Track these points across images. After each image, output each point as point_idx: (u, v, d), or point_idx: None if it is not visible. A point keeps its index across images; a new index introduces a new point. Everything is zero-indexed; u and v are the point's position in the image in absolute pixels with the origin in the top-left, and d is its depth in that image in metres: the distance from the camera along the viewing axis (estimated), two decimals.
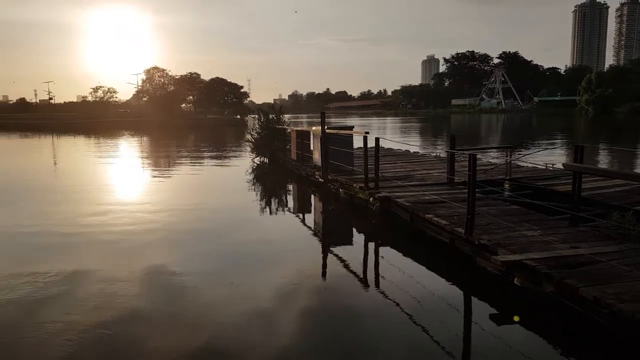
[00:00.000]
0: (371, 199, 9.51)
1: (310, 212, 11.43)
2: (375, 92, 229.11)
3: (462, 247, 6.80)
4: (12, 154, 29.83)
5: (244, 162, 20.58)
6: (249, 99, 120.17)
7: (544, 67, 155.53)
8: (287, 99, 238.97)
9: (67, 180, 17.44)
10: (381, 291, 6.06)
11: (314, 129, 14.20)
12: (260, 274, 6.60)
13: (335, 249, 8.00)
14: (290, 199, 13.27)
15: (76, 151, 30.82)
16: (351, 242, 8.79)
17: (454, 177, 10.11)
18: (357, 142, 12.98)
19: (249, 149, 20.93)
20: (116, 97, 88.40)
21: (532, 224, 6.97)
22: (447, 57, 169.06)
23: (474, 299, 5.84)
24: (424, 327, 4.92)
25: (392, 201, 9.03)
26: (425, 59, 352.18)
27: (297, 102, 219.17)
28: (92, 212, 10.72)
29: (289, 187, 15.00)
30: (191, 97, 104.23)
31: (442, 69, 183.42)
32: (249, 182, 16.11)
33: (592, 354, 4.54)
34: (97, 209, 11.01)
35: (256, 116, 22.47)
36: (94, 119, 65.93)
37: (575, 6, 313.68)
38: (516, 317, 5.15)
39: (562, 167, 8.99)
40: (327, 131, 12.68)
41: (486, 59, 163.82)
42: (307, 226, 9.88)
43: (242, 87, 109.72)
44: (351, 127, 14.41)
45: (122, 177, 17.90)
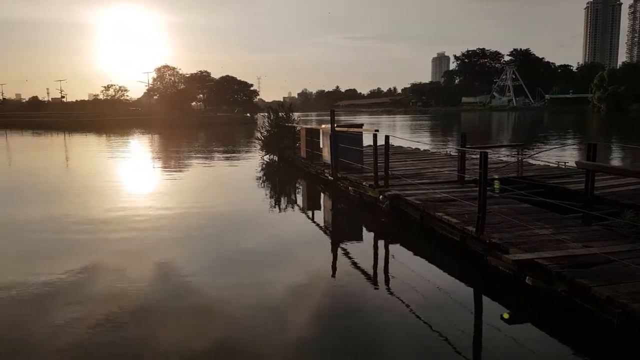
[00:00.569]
0: (381, 197, 9.49)
1: (319, 210, 11.43)
2: (385, 89, 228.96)
3: (472, 246, 6.77)
4: (29, 151, 30.16)
5: (254, 160, 20.63)
6: (258, 97, 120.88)
7: (556, 65, 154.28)
8: (296, 97, 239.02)
9: (81, 178, 17.60)
10: (391, 290, 6.04)
11: (323, 126, 14.20)
12: (270, 272, 6.62)
13: (344, 247, 8.00)
14: (299, 197, 13.28)
15: (89, 149, 31.06)
16: (361, 240, 8.78)
17: (465, 175, 10.06)
18: (367, 140, 12.95)
19: (258, 146, 20.99)
20: (127, 96, 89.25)
21: (544, 222, 6.92)
22: (457, 55, 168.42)
23: (485, 298, 5.80)
24: (434, 326, 4.90)
25: (402, 199, 9.00)
26: (435, 56, 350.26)
27: (307, 100, 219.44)
28: (106, 209, 10.82)
29: (299, 185, 15.01)
30: (201, 96, 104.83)
31: (453, 66, 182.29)
32: (258, 179, 16.16)
33: (604, 354, 4.49)
34: (109, 207, 11.13)
35: (266, 114, 22.50)
36: (105, 117, 66.48)
37: (587, 3, 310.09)
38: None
39: (574, 165, 8.90)
40: (337, 129, 12.67)
41: (497, 56, 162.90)
42: (316, 224, 9.88)
43: (251, 85, 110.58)
44: (361, 125, 14.37)
45: (134, 175, 18.04)
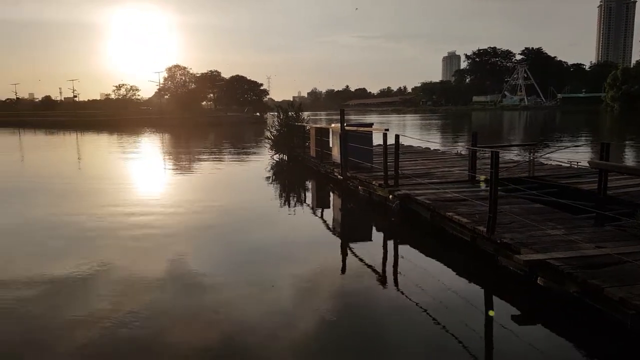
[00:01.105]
0: (390, 197, 9.46)
1: (329, 209, 11.42)
2: (394, 89, 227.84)
3: (483, 246, 6.72)
4: (42, 150, 30.51)
5: (264, 159, 20.66)
6: (268, 97, 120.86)
7: (568, 63, 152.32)
8: (306, 96, 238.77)
9: (94, 176, 17.76)
10: (401, 289, 6.02)
11: (333, 126, 14.18)
12: (279, 270, 6.63)
13: (354, 247, 7.98)
14: (309, 196, 13.28)
15: (101, 148, 31.37)
16: (370, 240, 8.77)
17: (476, 175, 9.98)
18: (377, 140, 12.92)
19: (268, 146, 21.03)
20: (138, 95, 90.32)
21: (556, 222, 6.85)
22: (468, 54, 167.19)
23: (496, 299, 5.75)
24: (444, 326, 4.87)
25: (412, 199, 8.96)
26: (446, 55, 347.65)
27: (316, 100, 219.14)
28: (117, 207, 10.91)
29: (308, 184, 15.01)
30: (211, 95, 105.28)
31: (464, 65, 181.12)
32: (268, 179, 16.20)
33: (616, 356, 4.43)
34: (120, 204, 11.23)
35: (275, 114, 22.52)
36: (116, 116, 67.12)
37: (600, 1, 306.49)
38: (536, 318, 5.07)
39: (586, 165, 8.81)
40: (347, 128, 12.64)
41: (508, 55, 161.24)
42: (326, 223, 9.87)
43: (261, 84, 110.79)
44: (370, 124, 14.32)
45: (145, 174, 18.22)
